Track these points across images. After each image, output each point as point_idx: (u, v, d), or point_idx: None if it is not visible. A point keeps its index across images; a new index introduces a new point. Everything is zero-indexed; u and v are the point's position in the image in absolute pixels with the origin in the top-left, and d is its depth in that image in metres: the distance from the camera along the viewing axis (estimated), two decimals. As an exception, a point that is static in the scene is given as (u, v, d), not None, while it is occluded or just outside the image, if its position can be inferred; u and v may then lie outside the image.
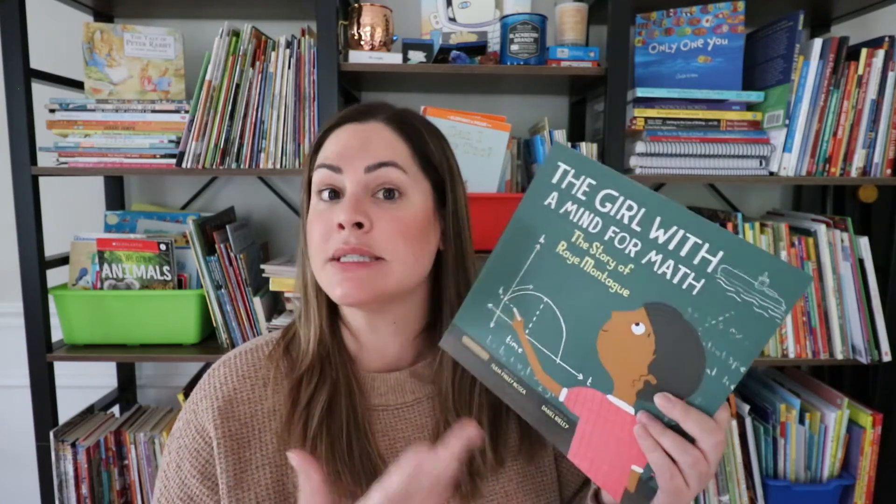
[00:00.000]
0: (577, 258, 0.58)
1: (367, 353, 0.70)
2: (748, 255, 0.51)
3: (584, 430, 0.57)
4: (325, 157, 0.64)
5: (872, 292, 1.28)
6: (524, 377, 0.60)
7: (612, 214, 0.57)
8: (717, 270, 0.52)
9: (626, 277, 0.55)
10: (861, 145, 1.28)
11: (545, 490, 0.71)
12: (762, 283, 0.50)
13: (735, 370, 0.51)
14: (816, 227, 1.29)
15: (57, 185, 1.53)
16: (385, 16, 1.28)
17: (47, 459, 1.31)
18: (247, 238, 1.45)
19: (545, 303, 0.59)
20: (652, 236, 0.55)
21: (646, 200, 0.55)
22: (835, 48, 1.25)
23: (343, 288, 0.61)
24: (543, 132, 1.29)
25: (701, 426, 0.51)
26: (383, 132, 0.65)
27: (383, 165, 0.63)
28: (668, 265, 0.54)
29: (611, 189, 0.57)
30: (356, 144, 0.63)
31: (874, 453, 1.29)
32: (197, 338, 1.35)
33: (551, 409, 0.58)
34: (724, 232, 0.52)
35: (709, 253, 0.52)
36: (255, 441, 0.65)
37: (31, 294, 1.27)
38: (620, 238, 0.56)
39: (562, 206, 0.59)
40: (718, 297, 0.51)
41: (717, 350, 0.51)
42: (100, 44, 1.31)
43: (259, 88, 1.27)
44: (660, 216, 0.54)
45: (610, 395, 0.56)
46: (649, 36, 1.35)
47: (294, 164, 1.29)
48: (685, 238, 0.53)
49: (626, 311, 0.55)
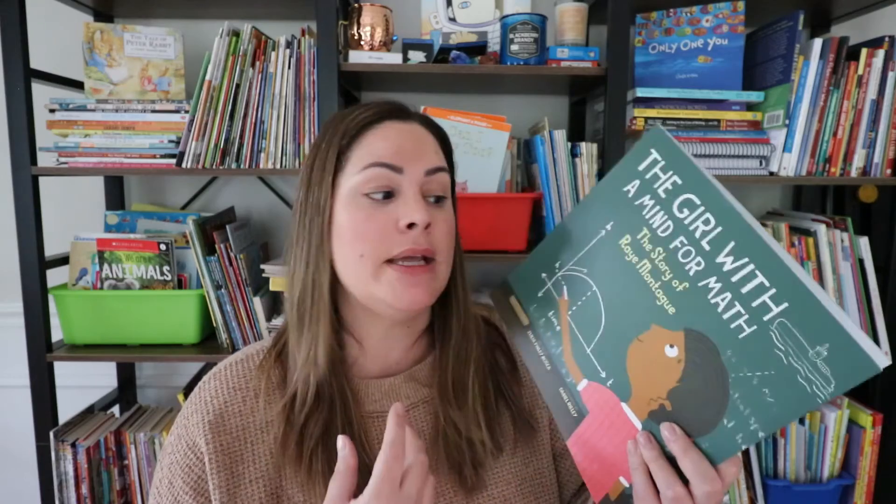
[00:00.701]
0: (637, 257, 0.55)
1: (366, 359, 0.69)
2: (815, 317, 0.44)
3: (589, 425, 0.57)
4: (380, 155, 0.61)
5: (872, 292, 1.28)
6: (553, 355, 0.60)
7: (687, 223, 0.52)
8: (773, 321, 0.46)
9: (677, 294, 0.52)
10: (861, 145, 1.28)
11: (544, 492, 0.71)
12: (818, 353, 0.44)
13: (753, 432, 0.47)
14: (816, 227, 1.29)
15: (57, 185, 1.53)
16: (385, 16, 1.28)
17: (47, 459, 1.31)
18: (247, 238, 1.45)
19: (593, 291, 0.58)
20: (719, 261, 0.50)
21: (726, 219, 0.50)
22: (835, 48, 1.26)
23: (411, 294, 0.60)
24: (543, 132, 1.29)
25: (697, 470, 0.50)
26: (428, 136, 0.66)
27: (440, 170, 0.64)
28: (725, 297, 0.49)
29: (694, 195, 0.52)
30: (411, 146, 0.63)
31: (874, 453, 1.29)
32: (197, 338, 1.35)
33: (567, 393, 0.59)
34: (800, 283, 0.45)
35: (772, 299, 0.46)
36: (247, 454, 0.64)
37: (31, 294, 1.27)
38: (686, 251, 0.52)
39: (639, 197, 0.56)
40: (764, 351, 0.46)
41: (743, 404, 0.47)
42: (100, 44, 1.31)
43: (259, 88, 1.27)
44: (734, 241, 0.49)
45: (624, 404, 0.55)
46: (649, 36, 1.35)
47: (294, 164, 1.29)
48: (752, 274, 0.48)
49: (667, 328, 0.52)
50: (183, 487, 0.64)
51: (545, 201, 1.28)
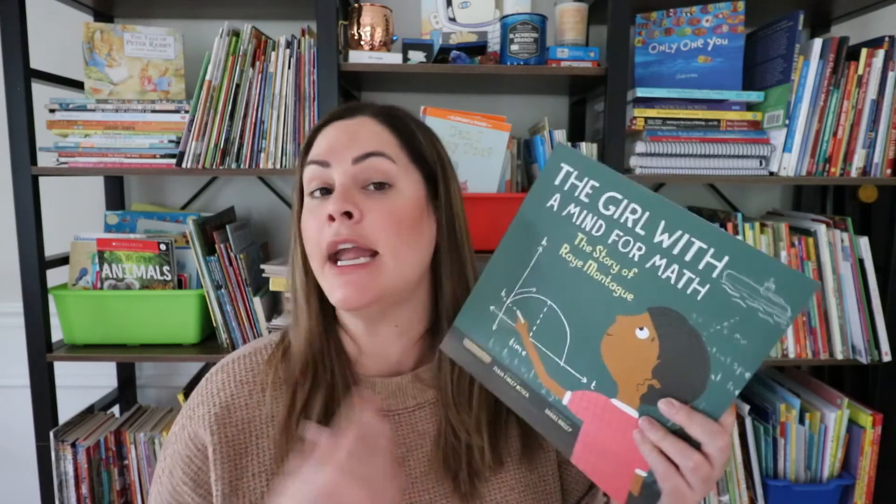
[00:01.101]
0: (581, 261, 0.57)
1: (367, 357, 0.69)
2: (753, 260, 0.50)
3: (587, 433, 0.57)
4: (314, 154, 0.65)
5: (872, 292, 1.28)
6: (527, 380, 0.60)
7: (616, 218, 0.56)
8: (721, 275, 0.51)
9: (630, 281, 0.55)
10: (861, 145, 1.28)
11: (547, 499, 0.70)
12: (768, 288, 0.49)
13: (740, 376, 0.50)
14: (816, 227, 1.28)
15: (57, 185, 1.53)
16: (385, 16, 1.28)
17: (47, 459, 1.31)
18: (247, 238, 1.45)
19: (549, 306, 0.59)
20: (656, 240, 0.54)
21: (650, 204, 0.55)
22: (835, 48, 1.25)
23: (343, 292, 0.60)
24: (543, 132, 1.29)
25: (705, 430, 0.51)
26: (370, 125, 0.65)
27: (371, 155, 0.62)
28: (673, 270, 0.53)
29: (614, 192, 0.56)
30: (344, 138, 0.64)
31: (874, 453, 1.29)
32: (197, 338, 1.35)
33: (555, 412, 0.58)
34: (729, 236, 0.51)
35: (714, 258, 0.51)
36: (252, 448, 0.64)
37: (31, 294, 1.27)
38: (624, 241, 0.55)
39: (564, 208, 0.59)
40: (723, 303, 0.51)
41: (722, 355, 0.51)
42: (100, 44, 1.31)
43: (259, 88, 1.27)
44: (664, 220, 0.54)
45: (614, 399, 0.56)
46: (649, 36, 1.35)
47: (294, 164, 1.28)
48: (690, 242, 0.52)
49: (631, 315, 0.55)
50: (182, 477, 0.64)
51: (545, 201, 1.28)
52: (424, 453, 0.66)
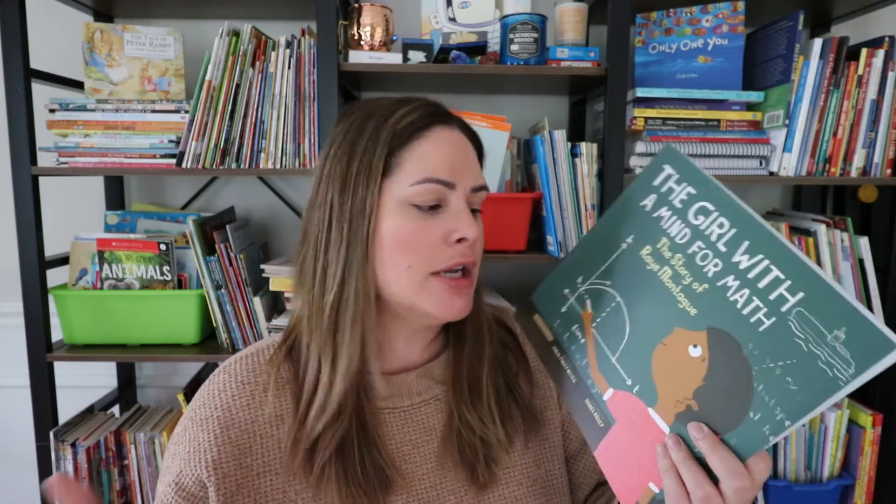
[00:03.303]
0: (658, 265, 0.57)
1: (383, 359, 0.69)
2: (830, 302, 0.46)
3: (616, 433, 0.57)
4: (435, 169, 0.61)
5: (872, 292, 1.28)
6: (578, 367, 0.62)
7: (702, 229, 0.55)
8: (791, 311, 0.48)
9: (698, 296, 0.54)
10: (861, 145, 1.28)
11: (555, 494, 0.71)
12: (836, 337, 0.45)
13: (780, 422, 0.47)
14: (816, 227, 1.29)
15: (57, 185, 1.53)
16: (385, 16, 1.28)
17: (47, 459, 1.31)
18: (247, 238, 1.45)
19: (617, 302, 0.60)
20: (735, 260, 0.52)
21: (739, 221, 0.53)
22: (835, 48, 1.26)
23: (457, 305, 0.63)
24: (543, 132, 1.29)
25: (725, 466, 0.49)
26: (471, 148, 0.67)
27: (483, 189, 0.66)
28: (743, 294, 0.51)
29: (708, 202, 0.55)
30: (461, 160, 0.64)
31: (874, 453, 1.29)
32: (197, 338, 1.35)
33: (593, 404, 0.59)
34: (812, 272, 0.47)
35: (788, 291, 0.48)
36: (256, 447, 0.64)
37: (31, 294, 1.27)
38: (703, 255, 0.54)
39: (657, 209, 0.59)
40: (784, 341, 0.47)
41: (767, 395, 0.48)
42: (100, 44, 1.31)
43: (259, 88, 1.27)
44: (748, 240, 0.52)
45: (651, 409, 0.55)
46: (649, 36, 1.35)
47: (294, 164, 1.29)
48: (768, 269, 0.50)
49: (690, 330, 0.54)
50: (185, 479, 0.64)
51: (545, 201, 1.28)
52: (432, 449, 0.68)
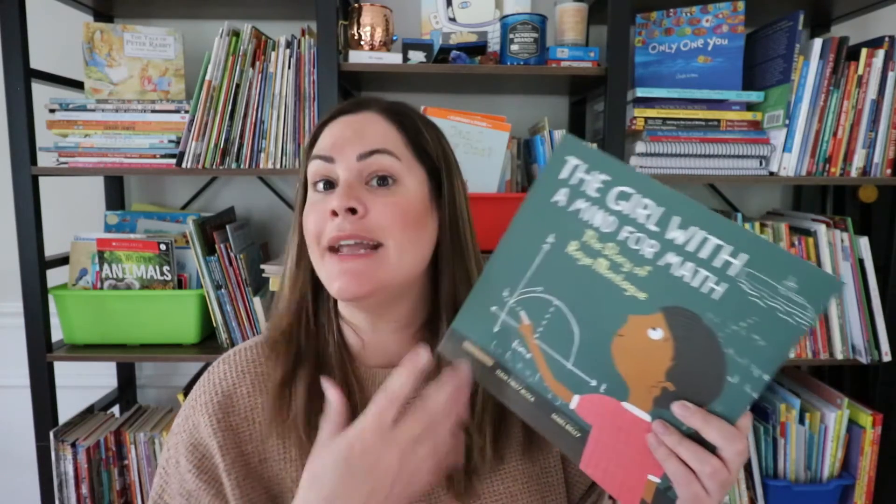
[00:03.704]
0: (590, 259, 0.55)
1: (368, 350, 0.69)
2: (774, 257, 0.48)
3: (597, 438, 0.54)
4: (319, 148, 0.65)
5: (872, 292, 1.28)
6: (532, 384, 0.57)
7: (627, 213, 0.53)
8: (740, 274, 0.49)
9: (642, 280, 0.52)
10: (861, 145, 1.28)
11: (551, 491, 0.71)
12: (788, 287, 0.47)
13: (758, 378, 0.49)
14: (816, 227, 1.28)
15: (57, 185, 1.53)
16: (385, 16, 1.28)
17: (47, 459, 1.31)
18: (247, 238, 1.45)
19: (556, 306, 0.56)
20: (670, 237, 0.52)
21: (664, 199, 0.52)
22: (835, 48, 1.25)
23: (341, 281, 0.60)
24: (543, 132, 1.29)
25: (722, 434, 0.50)
26: (376, 121, 0.66)
27: (375, 153, 0.63)
28: (688, 268, 0.51)
29: (626, 186, 0.53)
30: (349, 134, 0.64)
31: (874, 453, 1.29)
32: (197, 338, 1.35)
33: (562, 416, 0.56)
34: (747, 233, 0.49)
35: (731, 255, 0.49)
36: (256, 435, 0.65)
37: (31, 294, 1.27)
38: (636, 238, 0.53)
39: (572, 203, 0.56)
40: (741, 302, 0.49)
41: (739, 357, 0.49)
42: (100, 44, 1.31)
43: (259, 88, 1.27)
44: (679, 216, 0.51)
45: (625, 403, 0.53)
46: (649, 36, 1.35)
47: (294, 164, 1.29)
48: (706, 239, 0.50)
49: (643, 314, 0.53)
50: (187, 466, 0.65)
51: (545, 201, 1.28)
52: None
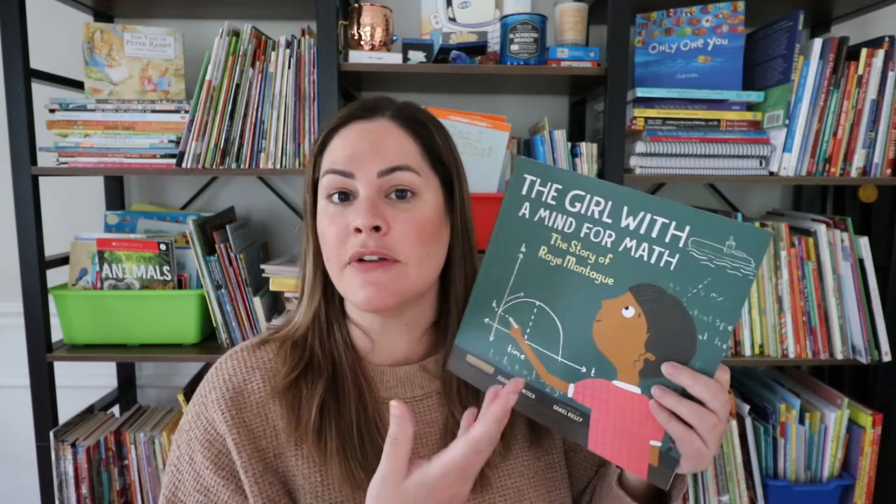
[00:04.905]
0: (560, 259, 0.61)
1: (377, 350, 0.70)
2: (711, 224, 0.54)
3: (597, 419, 0.59)
4: (334, 161, 0.63)
5: (872, 292, 1.28)
6: (531, 382, 0.62)
7: (583, 212, 0.60)
8: (687, 243, 0.55)
9: (607, 267, 0.59)
10: (861, 145, 1.28)
11: (556, 486, 0.72)
12: (729, 246, 0.53)
13: (724, 330, 0.54)
14: (816, 227, 1.29)
15: (57, 185, 1.53)
16: (385, 16, 1.28)
17: (47, 459, 1.31)
18: (247, 238, 1.45)
19: (538, 306, 0.62)
20: (623, 224, 0.58)
21: (610, 194, 0.59)
22: (835, 48, 1.26)
23: (367, 292, 0.61)
24: (543, 132, 1.29)
25: (707, 389, 0.54)
26: (392, 131, 0.64)
27: (396, 170, 0.62)
28: (644, 248, 0.57)
29: (577, 190, 0.61)
30: (366, 146, 0.63)
31: (874, 453, 1.29)
32: (197, 338, 1.35)
33: (562, 406, 0.61)
34: (685, 208, 0.56)
35: (676, 230, 0.56)
36: (268, 430, 0.65)
37: (31, 294, 1.27)
38: (595, 232, 0.59)
39: (535, 213, 0.63)
40: (694, 268, 0.55)
41: (704, 315, 0.55)
42: (100, 44, 1.31)
43: (259, 88, 1.27)
44: (626, 205, 0.58)
45: (615, 381, 0.58)
46: (649, 36, 1.35)
47: (294, 164, 1.29)
48: (653, 220, 0.57)
49: (614, 297, 0.58)
50: (203, 462, 0.64)
51: (545, 201, 1.28)
52: (432, 441, 0.68)
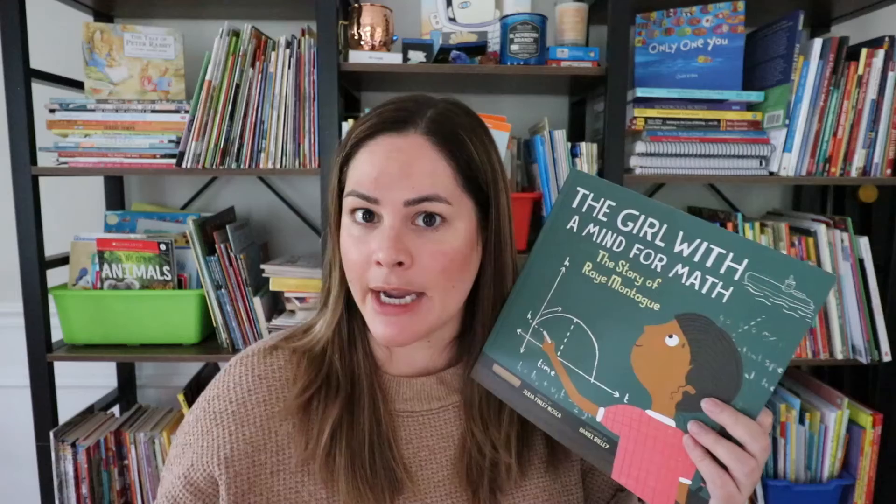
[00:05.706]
0: (604, 277, 0.59)
1: (394, 360, 0.68)
2: (772, 260, 0.52)
3: (625, 448, 0.57)
4: (359, 182, 0.58)
5: (872, 292, 1.28)
6: (558, 400, 0.60)
7: (635, 233, 0.58)
8: (743, 277, 0.53)
9: (654, 292, 0.56)
10: (861, 145, 1.28)
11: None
12: (789, 285, 0.51)
13: (773, 372, 0.51)
14: (816, 227, 1.29)
15: (57, 185, 1.53)
16: (385, 16, 1.28)
17: (47, 459, 1.31)
18: (247, 238, 1.45)
19: (575, 323, 0.60)
20: (676, 250, 0.56)
21: (666, 217, 0.57)
22: (835, 48, 1.25)
23: (385, 331, 0.59)
24: (543, 132, 1.29)
25: (749, 431, 0.51)
26: (424, 152, 0.58)
27: (425, 200, 0.57)
28: (696, 276, 0.55)
29: (631, 209, 0.59)
30: (395, 170, 0.57)
31: (874, 453, 1.29)
32: (197, 338, 1.35)
33: (589, 430, 0.58)
34: (745, 240, 0.54)
35: (734, 262, 0.53)
36: (270, 445, 0.63)
37: (31, 294, 1.27)
38: (646, 254, 0.57)
39: (584, 228, 0.61)
40: (748, 303, 0.52)
41: (753, 353, 0.52)
42: (100, 44, 1.31)
43: (259, 88, 1.27)
44: (682, 230, 0.56)
45: (649, 410, 0.56)
46: (649, 36, 1.35)
47: (294, 164, 1.29)
48: (709, 249, 0.55)
49: (659, 324, 0.56)
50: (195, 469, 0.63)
51: (545, 201, 1.28)
52: (448, 456, 0.66)
